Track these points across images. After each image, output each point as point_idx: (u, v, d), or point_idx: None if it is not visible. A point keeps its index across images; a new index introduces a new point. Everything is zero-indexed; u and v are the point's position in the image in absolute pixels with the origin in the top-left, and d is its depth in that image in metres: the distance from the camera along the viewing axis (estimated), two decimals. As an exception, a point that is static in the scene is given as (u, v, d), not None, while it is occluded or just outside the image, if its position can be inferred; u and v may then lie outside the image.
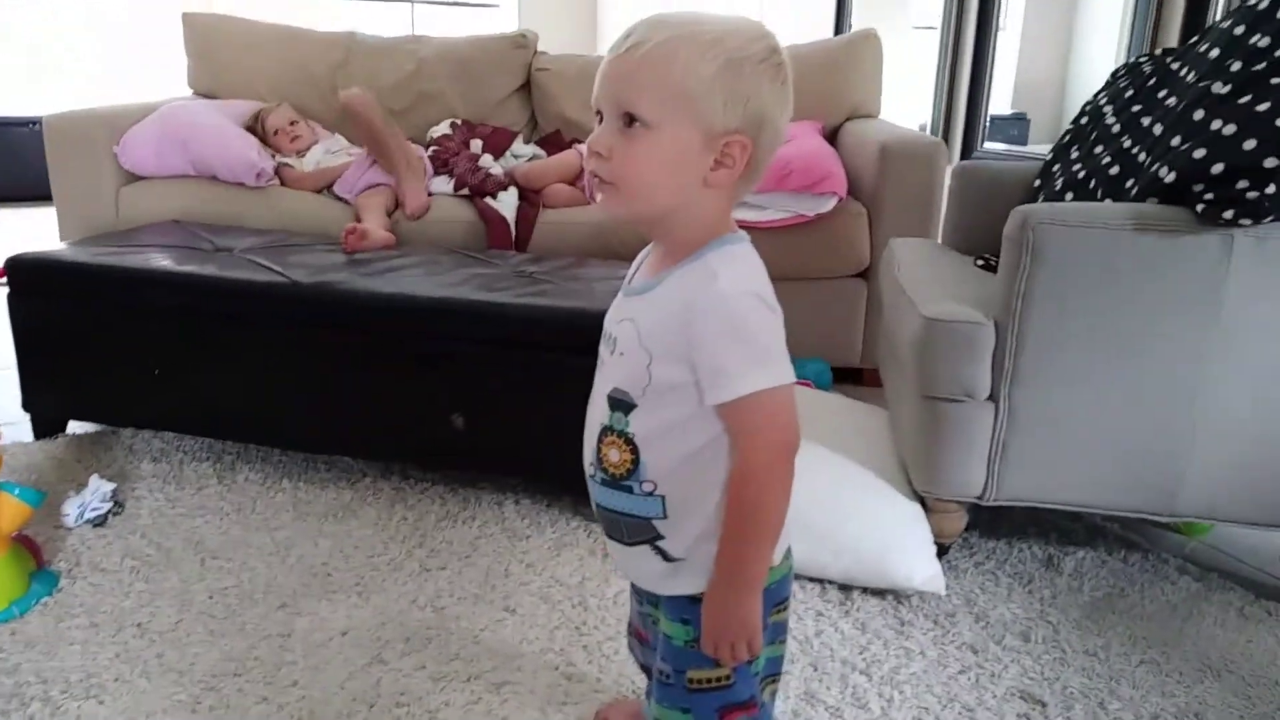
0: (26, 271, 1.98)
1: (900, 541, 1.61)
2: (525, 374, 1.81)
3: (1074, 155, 1.98)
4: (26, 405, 2.07)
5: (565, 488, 1.86)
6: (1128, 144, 1.78)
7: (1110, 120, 1.92)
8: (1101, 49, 3.94)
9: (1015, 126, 4.34)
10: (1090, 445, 1.56)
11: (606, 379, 0.91)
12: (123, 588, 1.55)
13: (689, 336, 0.82)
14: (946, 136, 4.20)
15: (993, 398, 1.56)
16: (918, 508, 1.68)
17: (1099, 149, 1.88)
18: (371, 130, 2.61)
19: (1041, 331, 1.51)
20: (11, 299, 1.99)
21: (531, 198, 2.68)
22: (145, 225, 2.42)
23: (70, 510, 1.72)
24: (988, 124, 4.17)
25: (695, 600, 0.90)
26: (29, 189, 4.07)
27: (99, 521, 1.73)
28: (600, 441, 0.91)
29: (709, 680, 0.91)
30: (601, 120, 0.84)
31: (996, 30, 4.05)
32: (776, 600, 0.95)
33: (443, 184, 2.72)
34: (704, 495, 0.87)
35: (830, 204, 2.41)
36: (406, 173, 2.61)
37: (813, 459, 1.77)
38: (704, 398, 0.83)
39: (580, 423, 0.96)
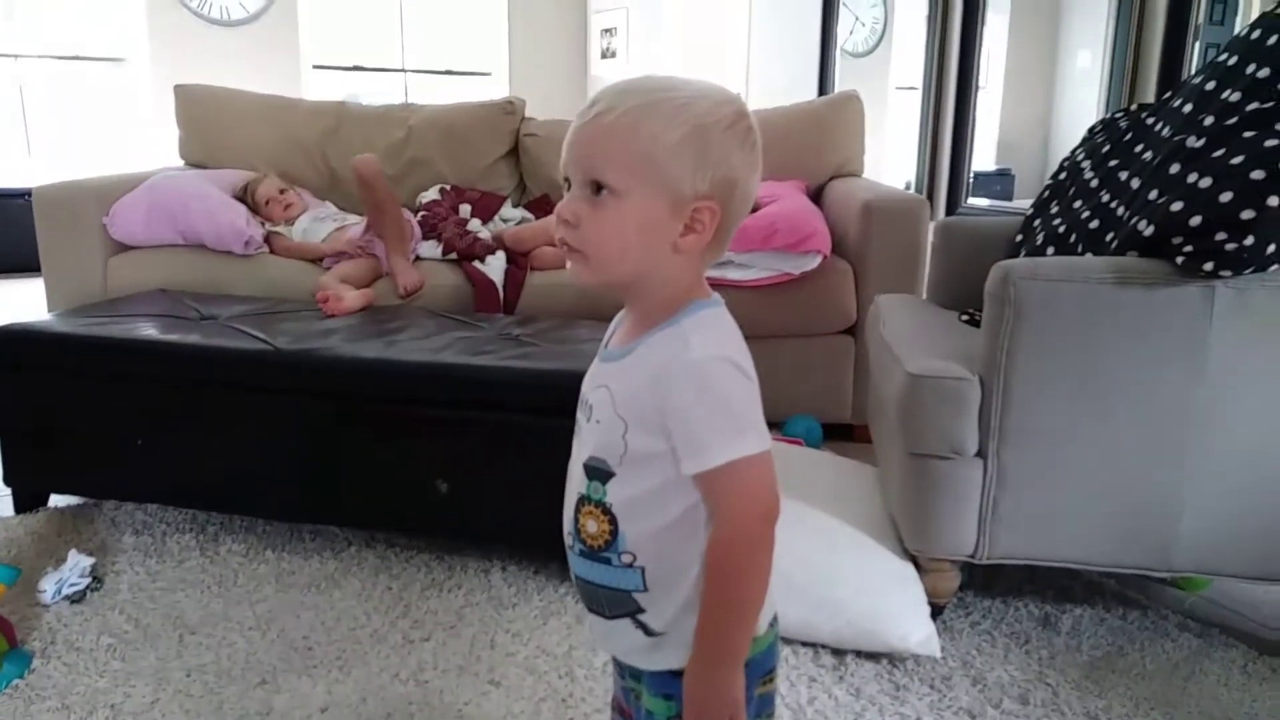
0: (8, 343, 1.97)
1: (893, 603, 1.58)
2: (511, 438, 1.80)
3: (1054, 210, 1.99)
4: (8, 480, 2.05)
5: (552, 554, 1.83)
6: (1106, 198, 1.80)
7: (1089, 175, 1.94)
8: (1082, 105, 4.00)
9: (999, 182, 4.37)
10: (1081, 501, 1.54)
11: (583, 447, 0.88)
12: (98, 667, 1.51)
13: (662, 404, 0.81)
14: (931, 194, 4.25)
15: (981, 454, 1.55)
16: (910, 568, 1.65)
17: (1078, 203, 1.89)
18: (376, 197, 2.62)
19: (1027, 386, 1.51)
20: (-6, 371, 1.98)
21: (520, 261, 2.69)
22: (131, 295, 2.42)
23: (48, 586, 1.69)
24: (971, 180, 4.21)
25: (678, 675, 0.87)
26: (22, 261, 4.09)
27: (77, 598, 1.70)
28: (578, 511, 0.88)
29: None
30: (570, 188, 0.84)
31: (976, 89, 4.11)
32: (763, 671, 0.91)
33: (431, 248, 2.73)
34: (685, 566, 0.85)
35: (815, 262, 2.42)
36: (398, 246, 2.61)
37: (803, 519, 1.75)
38: (680, 467, 0.81)
39: None
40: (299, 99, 3.45)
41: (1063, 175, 2.07)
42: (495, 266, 2.63)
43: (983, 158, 4.34)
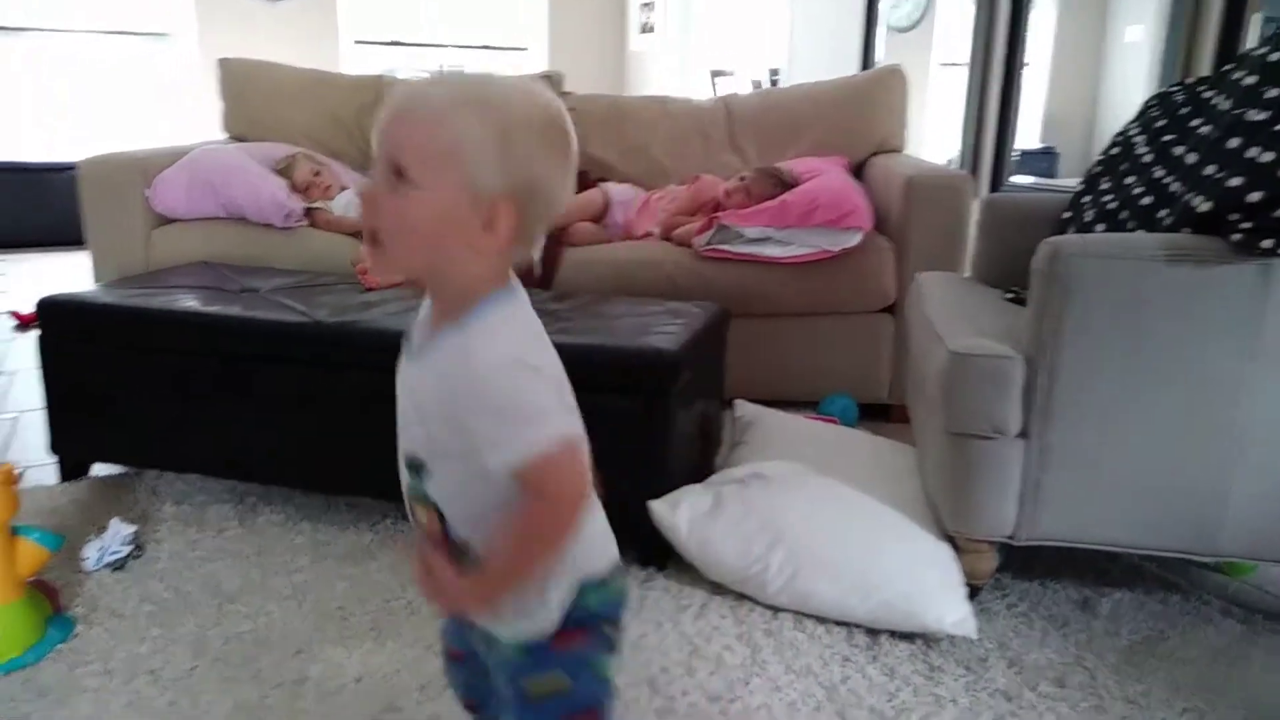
0: (56, 313, 2.00)
1: (929, 583, 1.56)
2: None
3: (1104, 186, 1.94)
4: (54, 448, 2.08)
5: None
6: (1160, 174, 1.74)
7: (1142, 150, 1.89)
8: (1132, 81, 3.90)
9: (1044, 160, 4.28)
10: (1126, 483, 1.51)
11: (402, 442, 0.91)
12: (138, 633, 1.53)
13: (456, 410, 0.82)
14: (975, 170, 4.17)
15: (1024, 434, 1.52)
16: (947, 548, 1.63)
17: (1130, 179, 1.84)
18: None
19: (1074, 366, 1.47)
20: (42, 340, 2.01)
21: (556, 235, 2.68)
22: (173, 267, 2.45)
23: (90, 553, 1.72)
24: (1016, 158, 4.13)
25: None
26: (67, 234, 4.15)
27: (118, 565, 1.73)
28: (412, 504, 0.92)
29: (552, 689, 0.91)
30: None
31: (1022, 65, 4.02)
32: (613, 618, 0.94)
33: (468, 224, 2.73)
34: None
35: (856, 238, 2.39)
36: None
37: (839, 499, 1.73)
38: (487, 464, 0.82)
39: (603, 464, 0.93)
40: (339, 73, 3.46)
41: (1115, 150, 2.01)
42: (531, 242, 2.63)
43: (1027, 135, 4.25)
